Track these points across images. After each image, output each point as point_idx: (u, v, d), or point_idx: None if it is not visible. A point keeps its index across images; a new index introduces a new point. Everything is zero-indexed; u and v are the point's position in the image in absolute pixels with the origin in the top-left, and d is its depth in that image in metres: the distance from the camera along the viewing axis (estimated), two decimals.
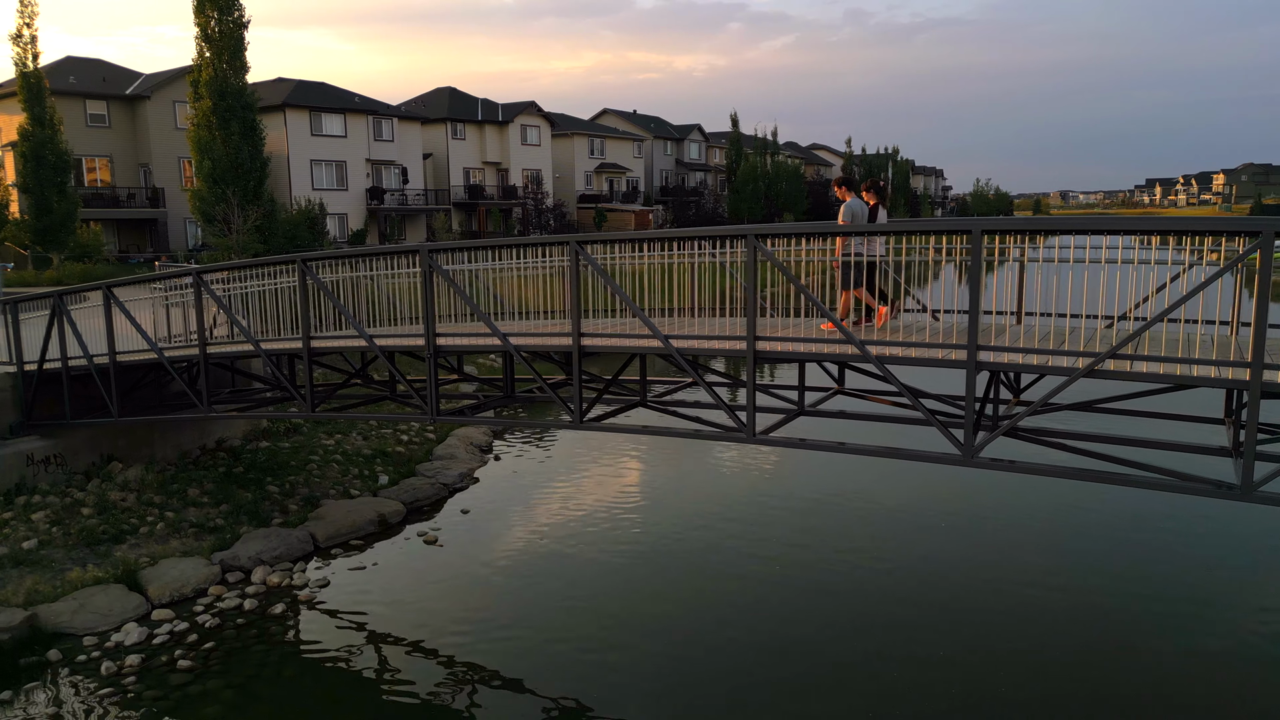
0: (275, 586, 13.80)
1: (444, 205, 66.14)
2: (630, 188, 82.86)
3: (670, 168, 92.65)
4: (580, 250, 10.59)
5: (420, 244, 11.79)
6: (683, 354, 10.07)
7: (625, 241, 10.72)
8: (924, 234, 8.90)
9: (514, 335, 11.35)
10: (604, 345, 10.84)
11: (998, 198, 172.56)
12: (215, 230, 32.58)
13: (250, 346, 13.56)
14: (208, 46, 32.85)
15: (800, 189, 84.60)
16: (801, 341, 9.55)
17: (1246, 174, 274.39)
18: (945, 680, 10.74)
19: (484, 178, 70.80)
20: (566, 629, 12.43)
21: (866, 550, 14.80)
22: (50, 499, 15.43)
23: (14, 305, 16.34)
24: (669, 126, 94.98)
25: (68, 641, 11.96)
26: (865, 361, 9.02)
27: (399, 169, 63.27)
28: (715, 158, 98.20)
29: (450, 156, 68.52)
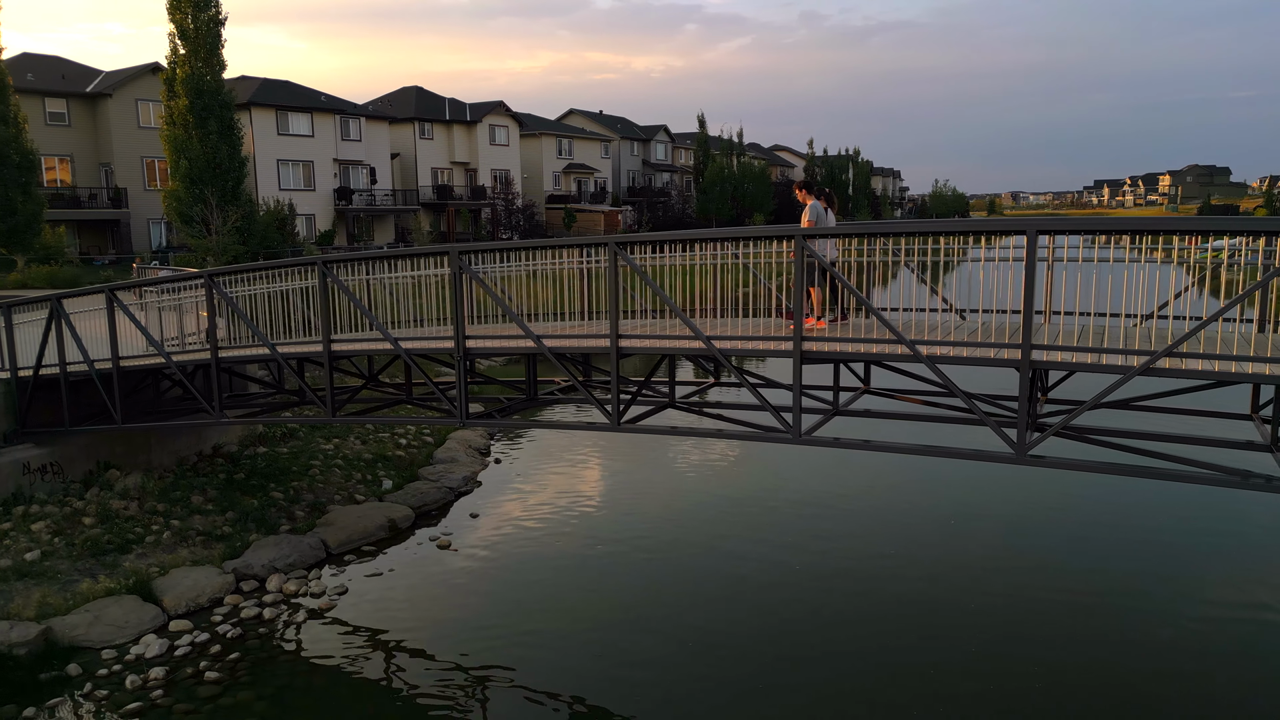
0: (292, 594, 13.56)
1: (412, 206, 65.49)
2: (598, 188, 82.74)
3: (637, 168, 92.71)
4: (620, 251, 10.55)
5: (451, 245, 11.65)
6: (725, 355, 10.07)
7: (663, 242, 10.67)
8: (975, 234, 8.99)
9: (548, 337, 11.26)
10: (643, 346, 10.81)
11: (955, 198, 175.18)
12: (194, 231, 31.82)
13: (265, 350, 13.28)
14: (183, 44, 32.07)
15: (767, 190, 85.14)
16: (850, 342, 9.60)
17: (1191, 175, 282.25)
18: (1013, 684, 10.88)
19: (452, 178, 70.24)
20: (592, 634, 12.35)
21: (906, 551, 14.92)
22: (49, 509, 14.99)
23: (7, 309, 15.84)
24: (635, 127, 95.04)
25: (85, 655, 11.63)
26: (916, 361, 9.10)
27: (367, 169, 62.56)
28: (681, 158, 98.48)
29: (418, 156, 67.89)
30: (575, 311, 12.78)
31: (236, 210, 33.60)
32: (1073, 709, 10.21)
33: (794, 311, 9.58)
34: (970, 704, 10.33)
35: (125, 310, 14.46)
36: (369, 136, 62.72)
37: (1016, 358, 8.63)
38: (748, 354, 10.18)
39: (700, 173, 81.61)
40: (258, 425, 19.01)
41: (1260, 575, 13.81)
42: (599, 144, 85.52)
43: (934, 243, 9.52)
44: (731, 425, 11.10)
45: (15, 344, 15.83)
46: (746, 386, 10.13)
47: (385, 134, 64.76)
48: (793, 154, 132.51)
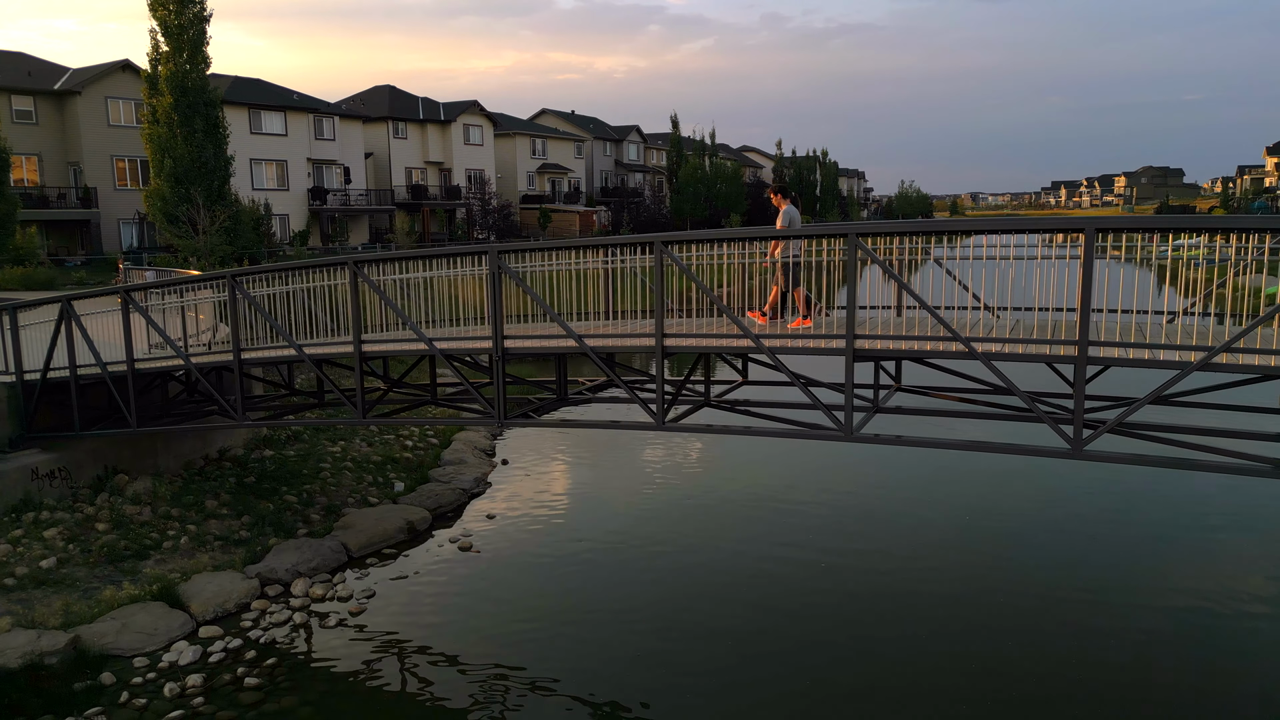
0: (319, 598, 13.40)
1: (387, 206, 64.87)
2: (572, 188, 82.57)
3: (610, 169, 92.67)
4: (665, 250, 10.58)
5: (490, 245, 11.59)
6: (775, 353, 10.14)
7: (708, 241, 10.72)
8: (1032, 231, 9.14)
9: (589, 336, 11.25)
10: (689, 345, 10.84)
11: (918, 199, 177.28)
12: (180, 232, 31.16)
13: (290, 351, 13.11)
14: (166, 40, 31.41)
15: (740, 190, 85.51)
16: (903, 339, 9.72)
17: (1146, 176, 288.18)
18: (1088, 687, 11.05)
19: (426, 178, 69.70)
20: (627, 637, 12.33)
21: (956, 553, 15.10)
22: (60, 515, 14.66)
23: (13, 311, 15.45)
24: (607, 127, 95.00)
25: (117, 663, 11.40)
26: (970, 358, 9.23)
27: (341, 169, 61.84)
28: (653, 159, 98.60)
29: (392, 156, 67.28)
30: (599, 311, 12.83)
31: (224, 210, 33.00)
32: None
33: (848, 309, 9.66)
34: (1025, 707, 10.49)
35: (142, 312, 14.18)
36: (342, 136, 62.01)
37: (1073, 354, 8.79)
38: (795, 352, 10.25)
39: (674, 173, 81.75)
40: (262, 429, 18.76)
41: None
42: (572, 144, 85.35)
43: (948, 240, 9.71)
44: (772, 423, 11.15)
45: (21, 346, 15.42)
46: (798, 385, 10.20)
47: (359, 133, 64.08)
48: (761, 155, 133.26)
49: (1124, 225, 8.81)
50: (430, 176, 70.05)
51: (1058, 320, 11.05)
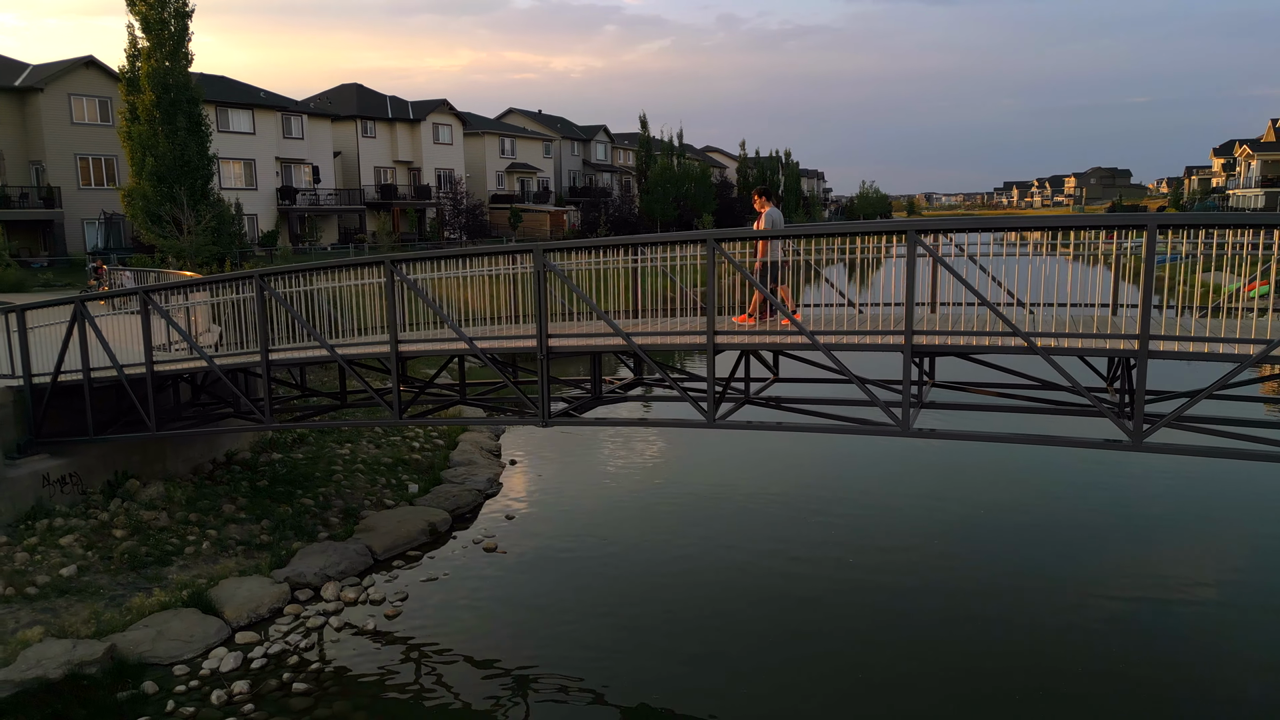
0: (351, 602, 13.23)
1: (356, 206, 64.09)
2: (541, 188, 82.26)
3: (578, 168, 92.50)
4: (717, 248, 10.62)
5: (535, 243, 11.54)
6: (830, 350, 10.23)
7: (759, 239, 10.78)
8: (1095, 229, 9.35)
9: (637, 334, 11.26)
10: (740, 343, 10.90)
11: (878, 199, 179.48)
12: (165, 231, 30.40)
13: (320, 351, 12.92)
14: (147, 36, 30.61)
15: (709, 190, 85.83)
16: (960, 335, 9.87)
17: (1095, 177, 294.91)
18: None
19: (395, 177, 68.99)
20: (668, 633, 12.36)
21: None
22: (74, 521, 14.28)
23: (20, 312, 15.01)
24: (574, 127, 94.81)
25: (156, 671, 11.15)
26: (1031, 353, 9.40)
27: (309, 168, 60.96)
28: (620, 159, 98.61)
29: (360, 155, 66.48)
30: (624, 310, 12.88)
31: (209, 209, 32.29)
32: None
33: (906, 307, 9.78)
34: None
35: (164, 314, 13.89)
36: (311, 134, 61.14)
37: (1133, 348, 9.00)
38: (850, 349, 10.35)
39: (643, 173, 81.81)
40: (267, 432, 18.43)
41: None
42: (540, 144, 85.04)
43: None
44: (825, 420, 11.24)
45: (29, 348, 14.99)
46: (857, 384, 10.30)
47: (328, 132, 63.23)
48: (725, 155, 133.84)
49: (1185, 221, 9.02)
50: (399, 176, 69.36)
51: (1089, 316, 11.36)
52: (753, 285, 10.79)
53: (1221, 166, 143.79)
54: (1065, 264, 10.91)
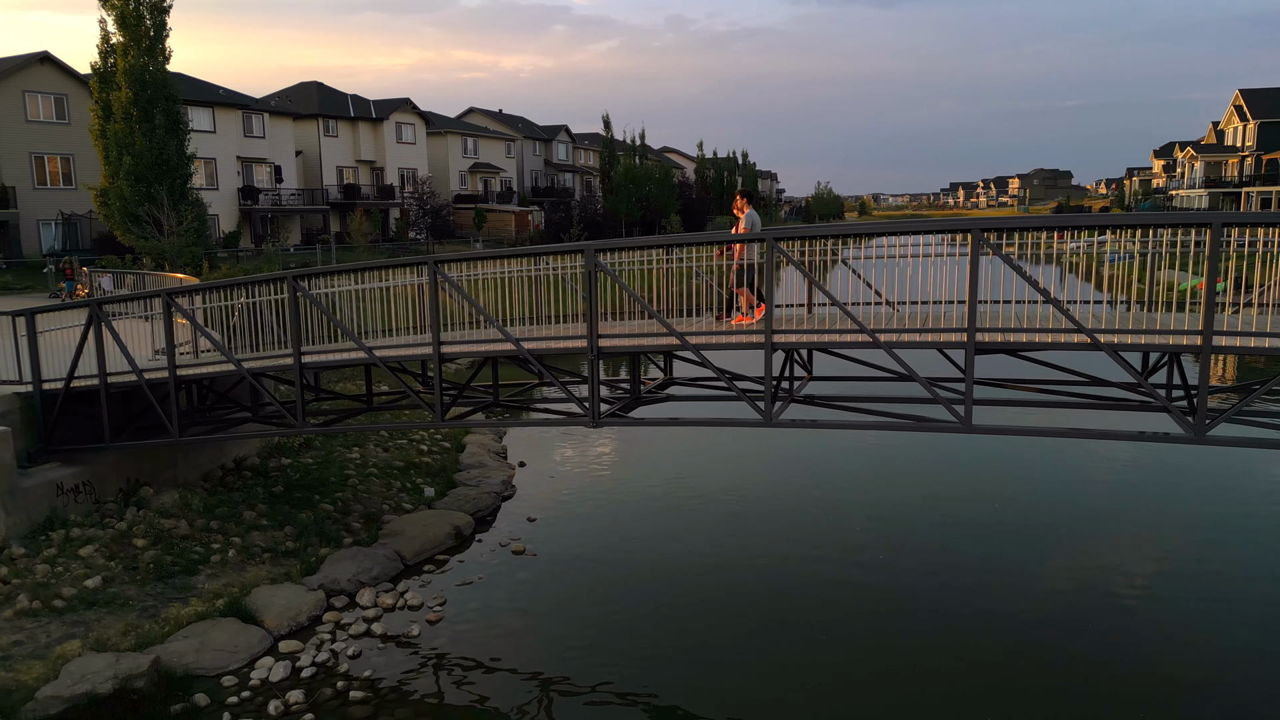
0: (389, 608, 13.03)
1: (319, 206, 62.98)
2: (504, 188, 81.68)
3: (540, 168, 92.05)
4: (775, 246, 10.68)
5: (586, 244, 11.47)
6: (891, 348, 10.35)
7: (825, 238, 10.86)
8: (1162, 227, 9.59)
9: (690, 334, 11.26)
10: (802, 341, 10.97)
11: (831, 200, 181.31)
12: (145, 233, 29.43)
13: (358, 353, 12.70)
14: (123, 32, 29.64)
15: (672, 191, 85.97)
16: (1024, 332, 10.06)
17: (1037, 178, 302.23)
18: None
19: (358, 177, 67.96)
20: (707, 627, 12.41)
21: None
22: (91, 531, 13.86)
23: (30, 316, 14.49)
24: (535, 127, 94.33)
25: (204, 683, 10.88)
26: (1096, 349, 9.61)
27: (271, 167, 59.76)
28: (582, 159, 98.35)
29: (323, 155, 65.35)
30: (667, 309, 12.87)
31: (190, 209, 31.38)
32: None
33: (969, 304, 9.93)
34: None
35: (189, 317, 13.53)
36: (272, 133, 59.90)
37: (1196, 344, 9.25)
38: (912, 346, 10.48)
39: (607, 174, 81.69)
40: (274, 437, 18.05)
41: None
42: (503, 143, 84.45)
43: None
44: (882, 417, 11.35)
45: (39, 354, 14.48)
46: (920, 382, 10.43)
47: (289, 131, 62.03)
48: (681, 155, 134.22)
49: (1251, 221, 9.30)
50: (362, 176, 68.33)
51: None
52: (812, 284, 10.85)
53: (1162, 168, 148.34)
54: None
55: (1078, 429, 10.30)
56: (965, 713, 10.30)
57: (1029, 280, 9.82)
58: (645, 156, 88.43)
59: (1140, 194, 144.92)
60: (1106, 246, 11.62)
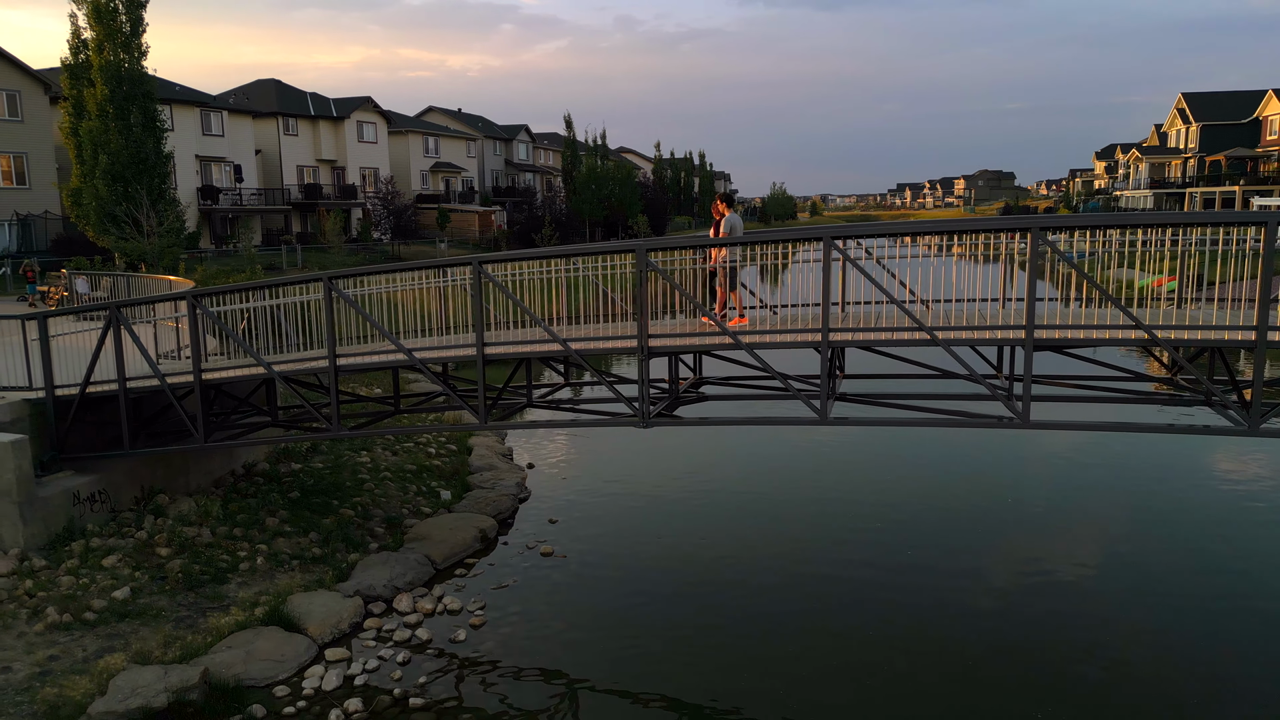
0: (429, 613, 12.85)
1: (281, 206, 61.76)
2: (466, 188, 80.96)
3: (501, 168, 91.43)
4: (833, 246, 10.77)
5: (638, 242, 11.43)
6: (948, 345, 10.52)
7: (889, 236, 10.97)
8: (1215, 225, 9.87)
9: (744, 333, 11.30)
10: (859, 339, 11.07)
11: (785, 200, 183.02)
12: (124, 233, 28.42)
13: (397, 355, 12.51)
14: (98, 27, 28.61)
15: (635, 191, 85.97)
16: (1080, 328, 10.29)
17: (982, 179, 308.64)
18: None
19: (319, 176, 66.80)
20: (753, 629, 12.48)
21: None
22: (112, 541, 13.44)
23: (43, 320, 13.99)
24: (495, 126, 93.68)
25: (256, 693, 10.64)
26: (1154, 344, 9.87)
27: (230, 166, 58.43)
28: (542, 159, 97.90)
29: (283, 154, 64.10)
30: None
31: (170, 208, 30.45)
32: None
33: (1028, 302, 10.12)
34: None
35: (215, 320, 13.18)
36: (231, 131, 58.59)
37: (1250, 339, 9.55)
38: (968, 343, 10.64)
39: (570, 174, 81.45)
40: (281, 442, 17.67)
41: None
42: (463, 142, 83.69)
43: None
44: (935, 415, 11.52)
45: (51, 359, 14.00)
46: (977, 380, 10.60)
47: (249, 129, 60.71)
48: (638, 156, 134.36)
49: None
50: (323, 175, 67.18)
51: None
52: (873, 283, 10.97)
53: (1104, 169, 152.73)
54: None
55: (1132, 424, 10.55)
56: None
57: (1089, 279, 10.04)
58: (606, 157, 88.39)
59: (1084, 194, 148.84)
60: (1060, 246, 12.08)
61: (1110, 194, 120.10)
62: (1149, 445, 19.93)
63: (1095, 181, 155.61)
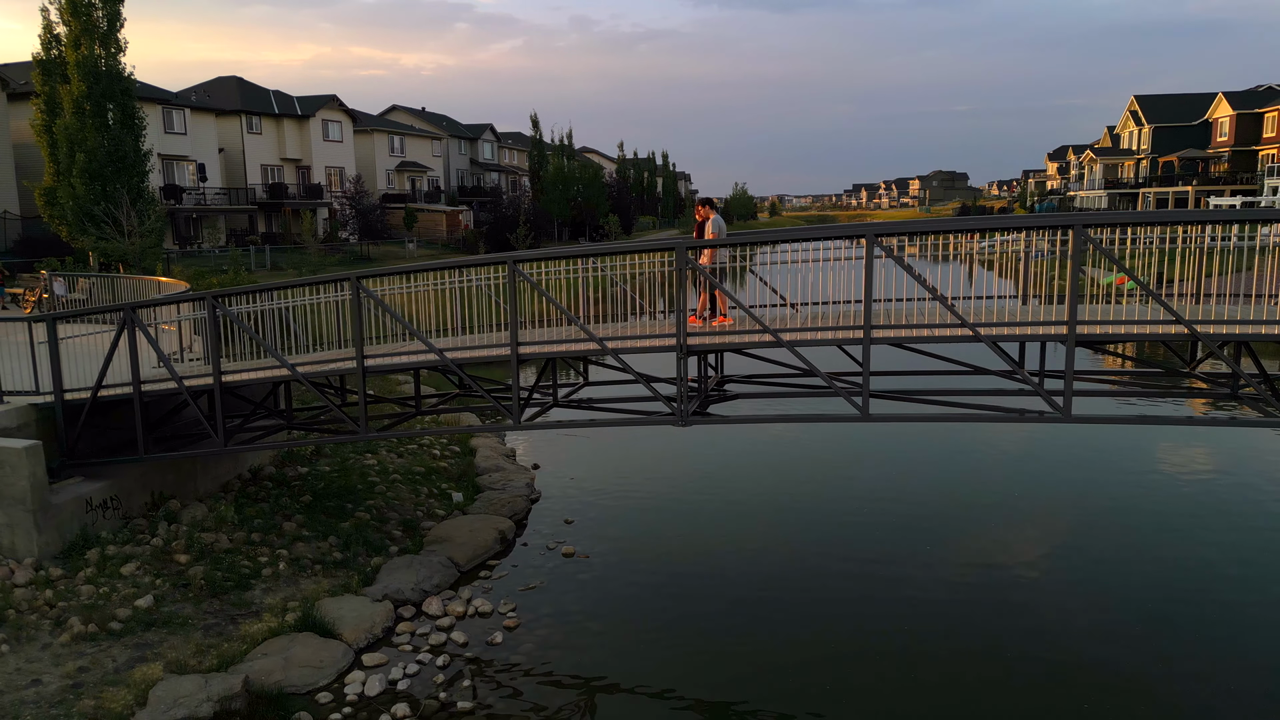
0: (461, 616, 12.70)
1: (246, 206, 60.63)
2: (432, 187, 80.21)
3: (466, 167, 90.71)
4: (876, 243, 10.85)
5: (678, 240, 11.42)
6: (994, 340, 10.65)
7: (924, 233, 11.08)
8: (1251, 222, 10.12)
9: (784, 331, 11.34)
10: (899, 336, 11.16)
11: (746, 200, 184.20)
12: (104, 234, 27.55)
13: (427, 355, 12.35)
14: (74, 22, 27.69)
15: (602, 191, 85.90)
16: (1125, 323, 10.49)
17: (936, 180, 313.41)
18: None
19: (283, 175, 65.68)
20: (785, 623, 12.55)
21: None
22: (128, 548, 13.08)
23: (52, 323, 13.55)
24: (460, 125, 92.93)
25: (299, 701, 10.45)
26: (1195, 339, 10.10)
27: (193, 165, 57.20)
28: (507, 158, 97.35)
29: (246, 152, 62.88)
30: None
31: (150, 207, 29.59)
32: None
33: (1069, 300, 10.29)
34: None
35: (238, 321, 12.89)
36: (194, 129, 57.33)
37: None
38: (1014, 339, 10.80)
39: (536, 174, 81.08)
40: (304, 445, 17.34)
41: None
42: (429, 141, 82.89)
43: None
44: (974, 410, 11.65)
45: (60, 362, 13.58)
46: (1023, 376, 10.75)
47: (213, 127, 59.47)
48: (600, 155, 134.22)
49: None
50: (288, 174, 66.07)
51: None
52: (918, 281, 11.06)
53: (1056, 170, 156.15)
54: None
55: (1176, 416, 10.78)
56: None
57: (1135, 279, 10.23)
58: (572, 157, 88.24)
59: (1038, 194, 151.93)
60: (1021, 245, 12.54)
61: (1064, 194, 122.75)
62: (1179, 437, 20.03)
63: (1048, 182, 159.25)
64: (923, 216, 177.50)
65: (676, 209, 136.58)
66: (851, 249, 11.45)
